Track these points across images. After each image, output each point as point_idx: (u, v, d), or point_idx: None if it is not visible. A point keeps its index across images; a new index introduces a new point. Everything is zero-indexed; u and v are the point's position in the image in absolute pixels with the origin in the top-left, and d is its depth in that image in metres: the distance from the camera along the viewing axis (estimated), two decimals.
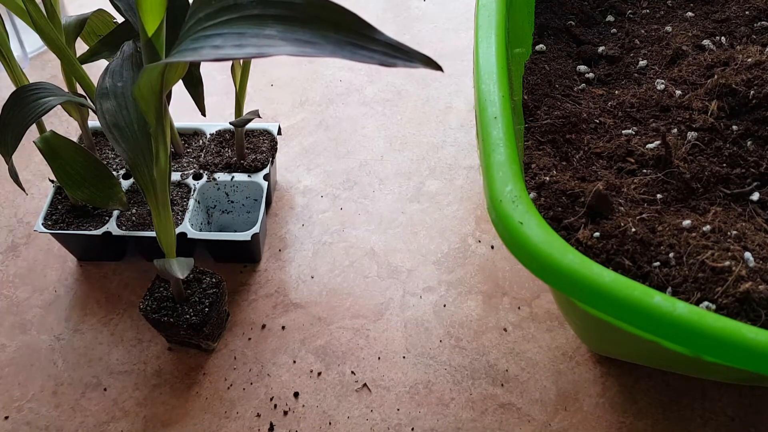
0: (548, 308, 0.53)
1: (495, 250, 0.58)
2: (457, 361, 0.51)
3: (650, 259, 0.37)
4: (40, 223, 0.55)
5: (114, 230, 0.54)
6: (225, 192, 0.59)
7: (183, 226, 0.54)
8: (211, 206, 0.60)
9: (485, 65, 0.44)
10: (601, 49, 0.56)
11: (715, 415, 0.47)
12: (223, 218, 0.61)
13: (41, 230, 0.54)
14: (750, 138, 0.44)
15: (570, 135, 0.47)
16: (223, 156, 0.60)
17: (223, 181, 0.58)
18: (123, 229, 0.54)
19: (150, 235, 0.54)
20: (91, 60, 0.48)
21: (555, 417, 0.47)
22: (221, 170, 0.59)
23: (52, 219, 0.55)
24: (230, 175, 0.58)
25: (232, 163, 0.59)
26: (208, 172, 0.59)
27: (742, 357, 0.30)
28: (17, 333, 0.54)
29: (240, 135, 0.58)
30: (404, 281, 0.56)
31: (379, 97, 0.74)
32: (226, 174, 0.58)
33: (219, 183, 0.58)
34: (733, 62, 0.47)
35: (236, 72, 0.54)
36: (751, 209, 0.41)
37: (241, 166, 0.59)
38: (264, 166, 0.59)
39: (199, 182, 0.58)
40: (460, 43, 0.80)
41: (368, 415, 0.48)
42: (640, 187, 0.42)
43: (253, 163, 0.59)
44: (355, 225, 0.61)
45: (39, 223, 0.55)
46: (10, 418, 0.49)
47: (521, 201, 0.36)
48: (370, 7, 0.87)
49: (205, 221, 0.59)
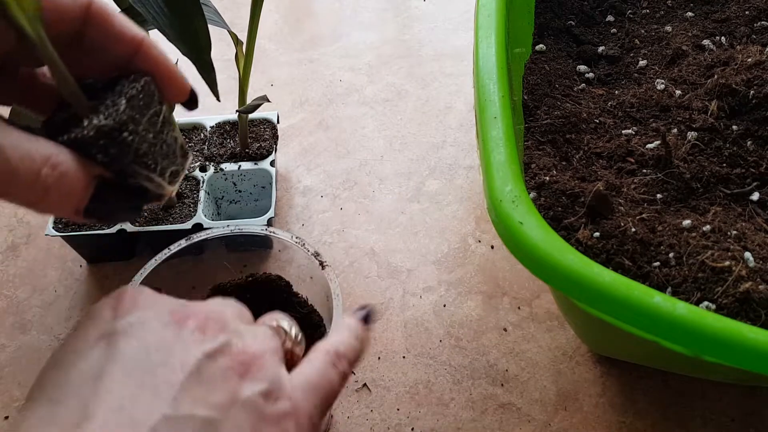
0: (548, 308, 0.53)
1: (495, 250, 0.58)
2: (457, 361, 0.51)
3: (650, 259, 0.37)
4: (50, 227, 0.54)
5: (128, 227, 0.54)
6: (232, 182, 0.60)
7: (197, 216, 0.55)
8: (219, 197, 0.61)
9: (485, 65, 0.44)
10: (601, 49, 0.56)
11: (715, 415, 0.47)
12: (232, 208, 0.62)
13: (52, 234, 0.54)
14: (750, 138, 0.44)
15: (570, 135, 0.47)
16: (227, 147, 0.61)
17: (230, 170, 0.59)
18: (136, 225, 0.55)
19: (163, 229, 0.54)
20: None
21: (555, 417, 0.47)
22: (227, 160, 0.59)
23: (63, 221, 0.55)
24: (237, 164, 0.59)
25: (236, 152, 0.60)
26: (214, 164, 0.59)
27: (742, 357, 0.30)
28: (17, 333, 0.54)
29: (244, 123, 0.58)
30: (404, 281, 0.56)
31: (379, 97, 0.74)
32: (232, 164, 0.59)
33: (226, 173, 0.59)
34: (733, 62, 0.47)
35: (240, 60, 0.55)
36: (751, 209, 0.41)
37: (247, 155, 0.60)
38: (269, 153, 0.60)
39: (207, 174, 0.58)
40: (460, 43, 0.80)
41: (368, 415, 0.48)
42: (640, 187, 0.42)
43: (258, 151, 0.60)
44: (355, 225, 0.61)
45: (49, 226, 0.54)
46: (10, 418, 0.49)
47: (521, 201, 0.36)
48: (371, 7, 0.87)
49: (214, 212, 0.60)
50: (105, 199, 0.23)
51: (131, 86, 0.25)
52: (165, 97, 0.26)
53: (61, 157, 0.22)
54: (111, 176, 0.24)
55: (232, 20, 0.68)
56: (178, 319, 0.24)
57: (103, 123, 0.23)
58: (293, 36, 0.83)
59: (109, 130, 0.23)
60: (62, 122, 0.24)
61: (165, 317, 0.23)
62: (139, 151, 0.24)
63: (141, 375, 0.21)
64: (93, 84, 0.26)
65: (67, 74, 0.24)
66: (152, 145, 0.25)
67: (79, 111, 0.24)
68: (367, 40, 0.81)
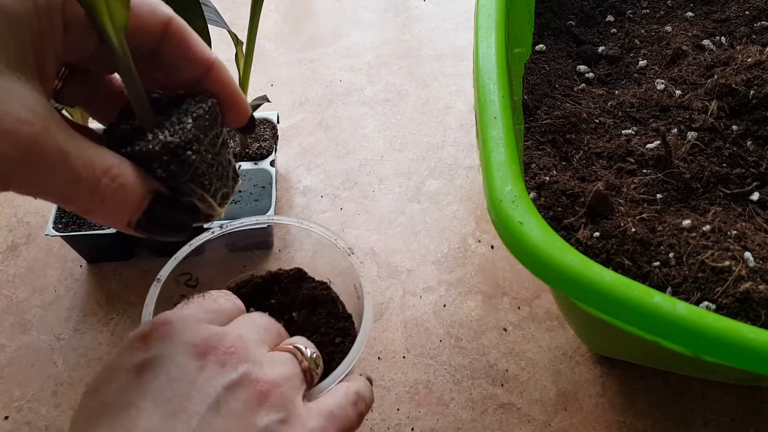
0: (548, 308, 0.53)
1: (495, 250, 0.58)
2: (457, 361, 0.51)
3: (650, 259, 0.37)
4: (50, 227, 0.54)
5: None
6: None
7: None
8: None
9: (485, 65, 0.44)
10: (601, 49, 0.56)
11: (716, 415, 0.47)
12: (231, 208, 0.62)
13: (52, 234, 0.54)
14: (750, 138, 0.44)
15: (570, 135, 0.47)
16: None
17: None
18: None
19: None
20: None
21: (555, 417, 0.47)
22: None
23: (62, 222, 0.55)
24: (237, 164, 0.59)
25: (236, 152, 0.60)
26: None
27: (742, 357, 0.30)
28: (17, 333, 0.54)
29: None
30: (404, 281, 0.56)
31: (379, 97, 0.74)
32: None
33: None
34: (733, 62, 0.47)
35: (240, 60, 0.55)
36: (751, 209, 0.41)
37: (247, 155, 0.60)
38: (269, 153, 0.60)
39: None
40: (460, 43, 0.80)
41: (368, 414, 0.48)
42: (640, 187, 0.42)
43: (258, 151, 0.60)
44: (355, 225, 0.61)
45: (49, 227, 0.54)
46: (10, 418, 0.49)
47: (521, 201, 0.36)
48: (371, 7, 0.87)
49: None
50: (158, 215, 0.24)
51: (198, 106, 0.25)
52: (225, 119, 0.27)
53: (121, 169, 0.22)
54: (166, 192, 0.24)
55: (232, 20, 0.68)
56: (201, 352, 0.25)
57: (169, 139, 0.24)
58: (293, 36, 0.83)
59: (174, 147, 0.24)
60: (125, 133, 0.24)
61: (190, 349, 0.25)
62: (198, 170, 0.25)
63: (165, 405, 0.23)
64: (159, 99, 0.26)
65: (140, 87, 0.24)
66: (210, 165, 0.26)
67: (144, 124, 0.24)
68: (367, 40, 0.81)
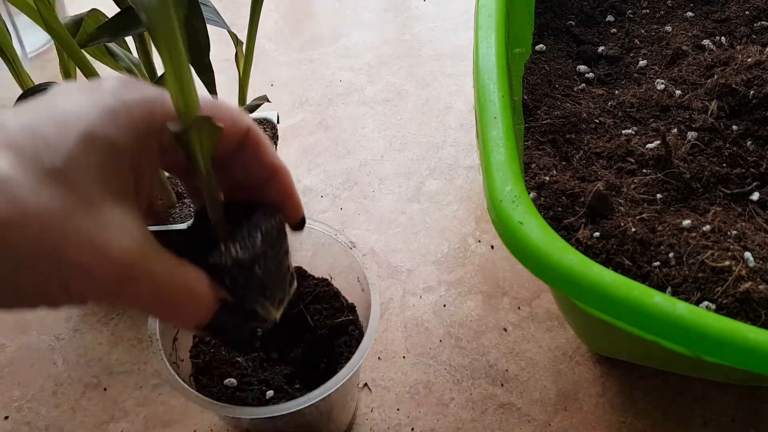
0: (548, 308, 0.53)
1: (495, 250, 0.58)
2: (457, 361, 0.51)
3: (650, 259, 0.37)
4: None
5: None
6: None
7: None
8: None
9: (485, 65, 0.44)
10: (601, 49, 0.56)
11: (716, 415, 0.47)
12: None
13: None
14: (750, 138, 0.44)
15: (570, 135, 0.47)
16: None
17: None
18: None
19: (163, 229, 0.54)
20: (89, 44, 0.48)
21: (555, 417, 0.47)
22: None
23: None
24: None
25: None
26: None
27: (743, 357, 0.30)
28: (17, 333, 0.54)
29: None
30: (404, 281, 0.56)
31: (379, 97, 0.74)
32: None
33: None
34: (733, 62, 0.47)
35: (239, 60, 0.55)
36: (751, 209, 0.41)
37: None
38: None
39: None
40: (460, 43, 0.80)
41: (368, 415, 0.48)
42: (640, 187, 0.42)
43: None
44: (355, 225, 0.61)
45: None
46: (10, 418, 0.49)
47: (521, 201, 0.36)
48: (371, 7, 0.87)
49: None
50: (223, 320, 0.26)
51: (267, 221, 0.27)
52: None
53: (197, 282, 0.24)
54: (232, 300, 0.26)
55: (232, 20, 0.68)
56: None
57: (240, 256, 0.25)
58: (293, 36, 0.83)
59: (244, 263, 0.25)
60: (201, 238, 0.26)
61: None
62: (263, 282, 0.27)
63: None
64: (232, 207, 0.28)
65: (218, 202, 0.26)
66: (273, 275, 0.27)
67: (219, 233, 0.26)
68: (367, 40, 0.81)
